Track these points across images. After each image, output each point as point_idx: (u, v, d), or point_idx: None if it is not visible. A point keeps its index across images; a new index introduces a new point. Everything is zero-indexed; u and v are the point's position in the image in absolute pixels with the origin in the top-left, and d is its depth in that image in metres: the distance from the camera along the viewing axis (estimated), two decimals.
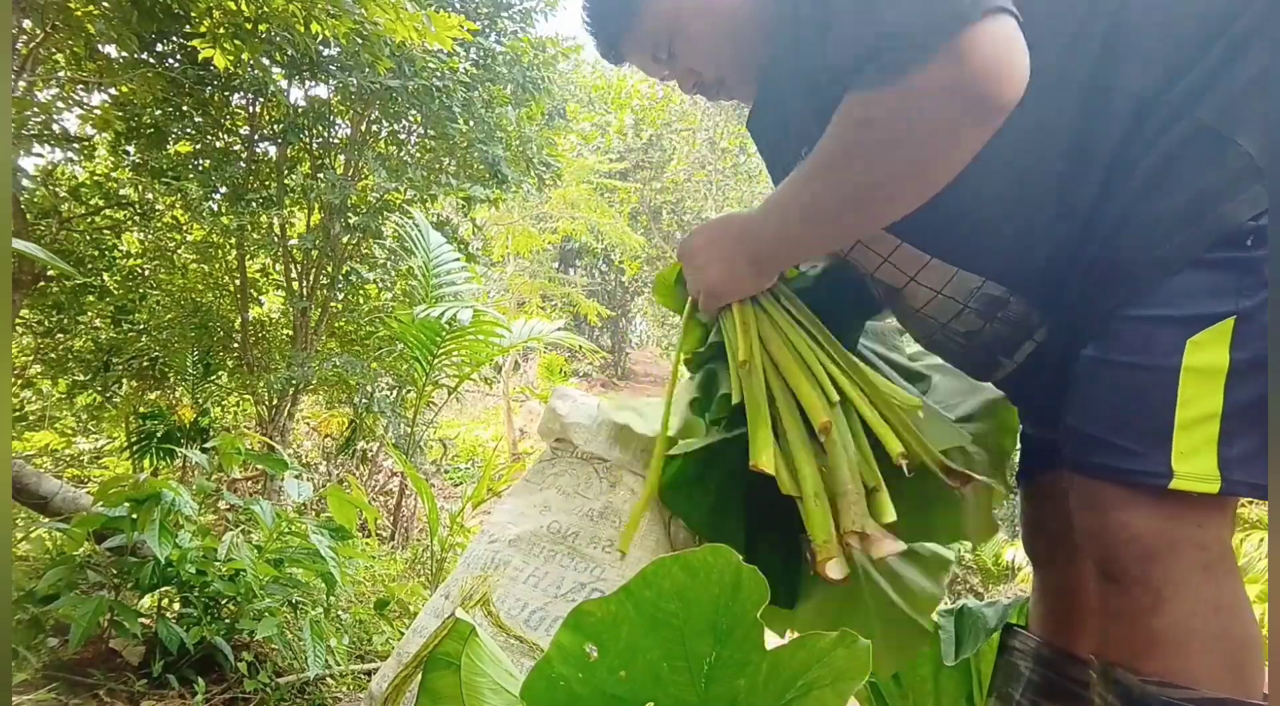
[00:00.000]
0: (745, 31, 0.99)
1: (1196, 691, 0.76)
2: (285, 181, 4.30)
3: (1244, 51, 0.80)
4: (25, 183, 3.75)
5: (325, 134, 4.47)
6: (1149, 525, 0.80)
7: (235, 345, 4.69)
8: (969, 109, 0.75)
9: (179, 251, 4.74)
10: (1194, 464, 0.77)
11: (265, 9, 3.27)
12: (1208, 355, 0.77)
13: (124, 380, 4.84)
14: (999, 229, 0.91)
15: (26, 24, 3.23)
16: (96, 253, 4.30)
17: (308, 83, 4.19)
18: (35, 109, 3.57)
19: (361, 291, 4.81)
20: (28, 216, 3.73)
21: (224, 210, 4.16)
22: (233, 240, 4.38)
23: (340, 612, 2.16)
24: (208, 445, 3.61)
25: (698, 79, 1.09)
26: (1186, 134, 0.80)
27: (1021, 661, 1.15)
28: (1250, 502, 7.59)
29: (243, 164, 4.28)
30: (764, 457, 0.86)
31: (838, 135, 0.84)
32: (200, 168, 4.19)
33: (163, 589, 1.67)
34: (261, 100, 4.18)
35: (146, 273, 4.66)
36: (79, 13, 3.26)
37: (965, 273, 0.95)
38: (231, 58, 3.34)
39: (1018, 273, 0.94)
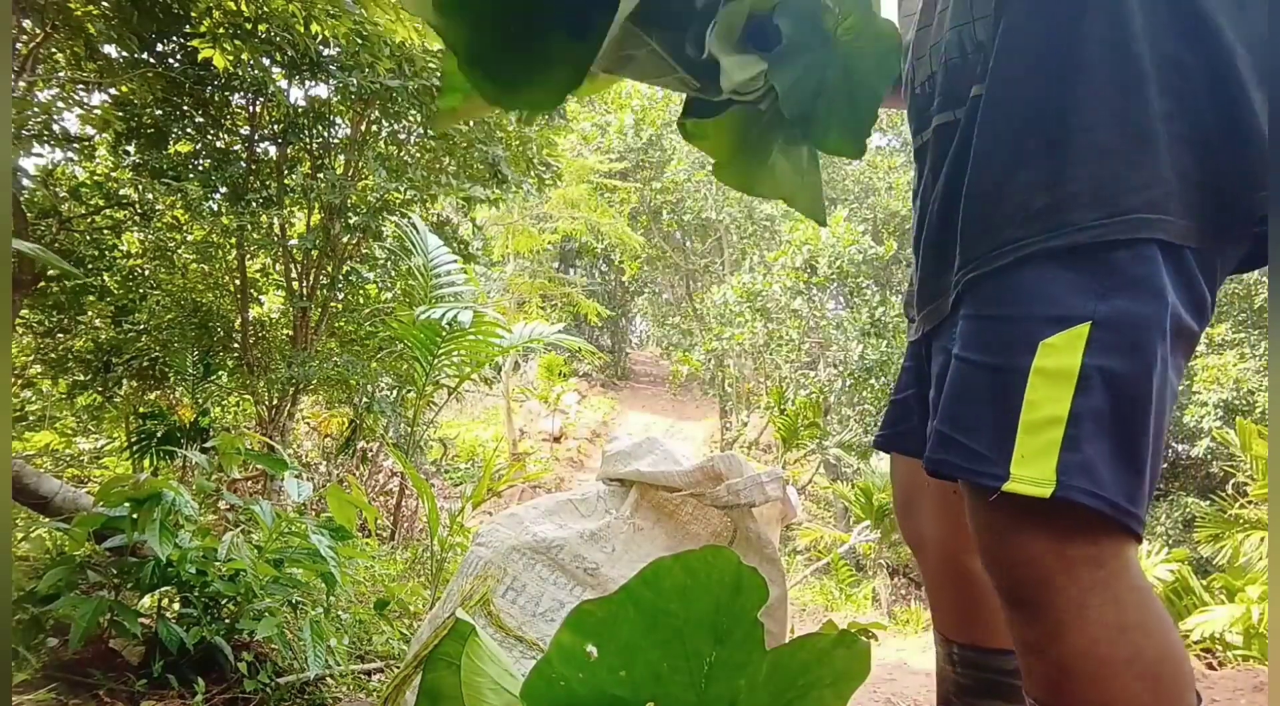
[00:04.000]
0: None
1: None
2: (285, 181, 4.30)
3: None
4: (25, 183, 3.74)
5: (325, 134, 4.48)
6: (1043, 546, 0.75)
7: (235, 345, 4.69)
8: None
9: (179, 251, 4.74)
10: (1032, 468, 0.74)
11: (265, 9, 3.27)
12: (1058, 359, 0.74)
13: (124, 380, 4.84)
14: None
15: (26, 24, 3.23)
16: (96, 253, 4.29)
17: (308, 83, 4.20)
18: (35, 109, 3.57)
19: (361, 291, 4.82)
20: (28, 216, 3.73)
21: (224, 210, 4.16)
22: (233, 240, 4.38)
23: (340, 612, 2.16)
24: (208, 445, 3.61)
25: None
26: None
27: (946, 664, 1.11)
28: (1250, 503, 7.54)
29: (243, 164, 4.28)
30: None
31: None
32: (200, 168, 4.19)
33: (163, 589, 1.67)
34: (261, 100, 4.18)
35: (146, 272, 4.65)
36: (79, 13, 3.26)
37: None
38: (231, 58, 3.34)
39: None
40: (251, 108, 4.29)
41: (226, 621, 1.66)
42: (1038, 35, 0.80)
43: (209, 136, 4.31)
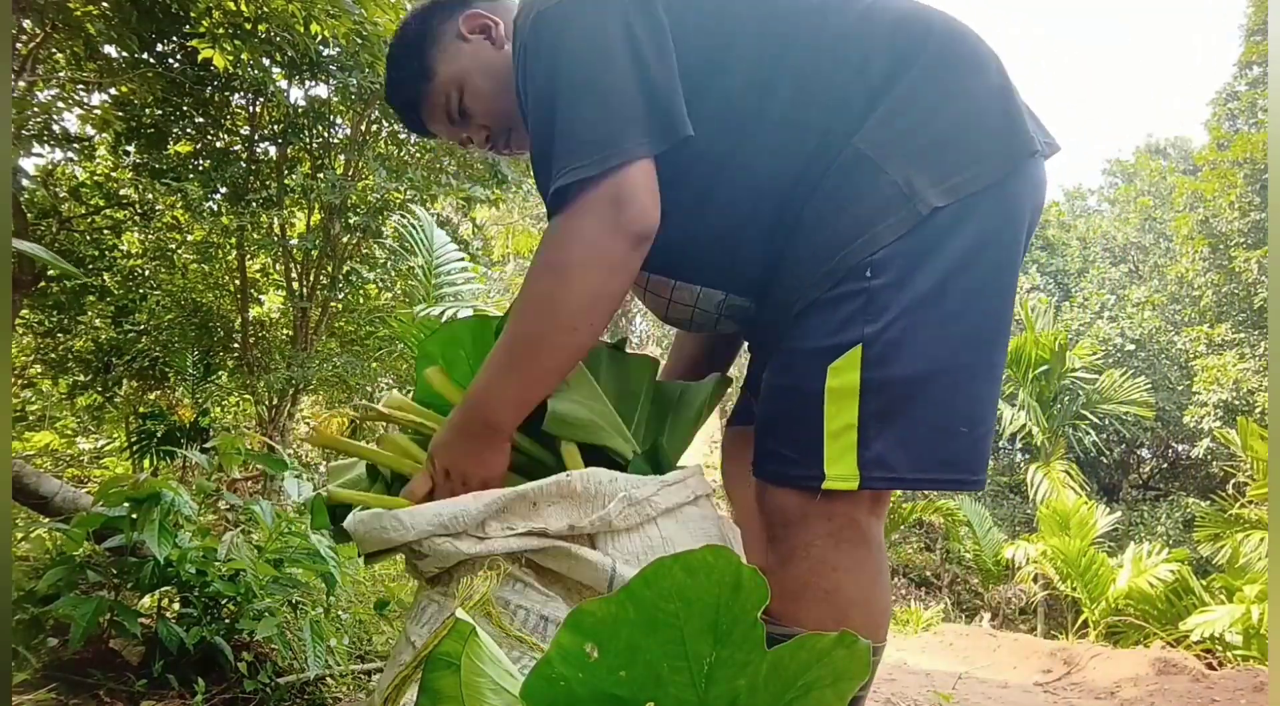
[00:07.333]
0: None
1: (791, 629, 0.90)
2: (285, 181, 4.30)
3: (910, 98, 0.98)
4: (25, 183, 3.74)
5: (325, 134, 4.48)
6: (788, 501, 0.99)
7: (235, 345, 4.69)
8: (623, 228, 0.93)
9: (179, 251, 4.74)
10: (839, 467, 0.95)
11: (265, 9, 3.27)
12: (843, 378, 0.95)
13: (124, 380, 4.84)
14: (728, 250, 1.07)
15: (26, 24, 3.23)
16: (96, 253, 4.30)
17: (308, 83, 4.19)
18: (35, 109, 3.57)
19: (361, 291, 4.81)
20: (28, 216, 3.73)
21: (224, 210, 4.16)
22: (233, 240, 4.38)
23: (340, 612, 2.16)
24: (208, 445, 3.60)
25: (489, 133, 1.20)
26: (849, 160, 0.98)
27: None
28: (1250, 503, 7.54)
29: (243, 164, 4.28)
30: None
31: (528, 280, 0.99)
32: (200, 168, 4.19)
33: (163, 589, 1.66)
34: (261, 100, 4.18)
35: (147, 273, 4.66)
36: (79, 13, 3.26)
37: (708, 289, 1.14)
38: (231, 58, 3.34)
39: (738, 282, 1.11)
40: (251, 108, 4.30)
41: (226, 621, 1.66)
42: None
43: (209, 136, 4.31)
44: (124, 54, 3.69)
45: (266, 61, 3.80)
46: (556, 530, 0.96)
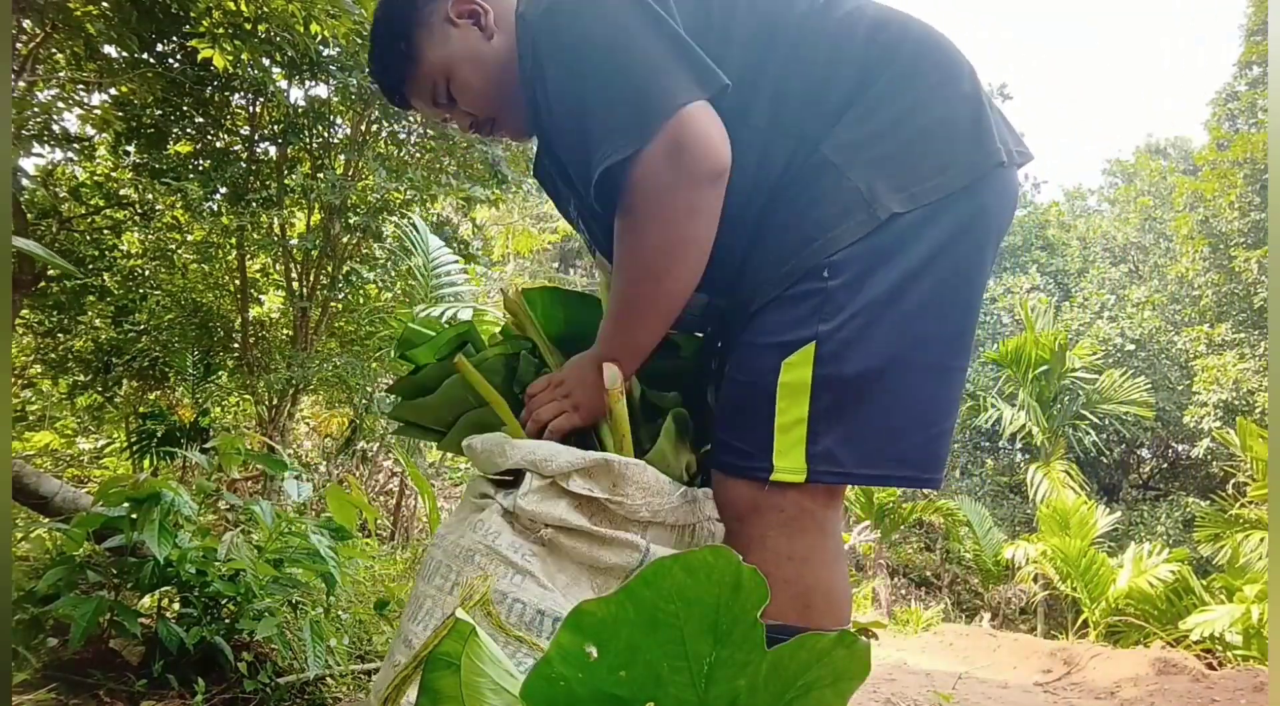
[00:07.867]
0: (508, 78, 1.13)
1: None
2: (285, 181, 4.30)
3: (880, 105, 1.01)
4: (25, 183, 3.74)
5: (325, 134, 4.47)
6: (741, 493, 1.02)
7: (235, 345, 4.69)
8: (689, 171, 0.95)
9: (179, 251, 4.74)
10: (788, 460, 0.98)
11: (265, 9, 3.27)
12: (796, 373, 0.98)
13: (124, 380, 4.84)
14: (714, 255, 1.06)
15: (26, 24, 3.23)
16: (96, 253, 4.30)
17: (308, 83, 4.19)
18: (35, 109, 3.57)
19: (361, 291, 4.81)
20: (28, 216, 3.73)
21: (224, 210, 4.16)
22: (233, 240, 4.37)
23: (340, 612, 2.16)
24: (208, 445, 3.60)
25: (474, 119, 1.21)
26: (815, 165, 1.01)
27: None
28: (1250, 503, 7.53)
29: (243, 164, 4.28)
30: None
31: (617, 240, 1.03)
32: (200, 168, 4.19)
33: (163, 589, 1.66)
34: (261, 100, 4.18)
35: (147, 273, 4.66)
36: (79, 13, 3.27)
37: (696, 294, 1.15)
38: (231, 58, 3.34)
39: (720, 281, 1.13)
40: (251, 108, 4.29)
41: (226, 621, 1.66)
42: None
43: (209, 136, 4.31)
44: (124, 54, 3.69)
45: (266, 61, 3.80)
46: (631, 508, 1.05)
